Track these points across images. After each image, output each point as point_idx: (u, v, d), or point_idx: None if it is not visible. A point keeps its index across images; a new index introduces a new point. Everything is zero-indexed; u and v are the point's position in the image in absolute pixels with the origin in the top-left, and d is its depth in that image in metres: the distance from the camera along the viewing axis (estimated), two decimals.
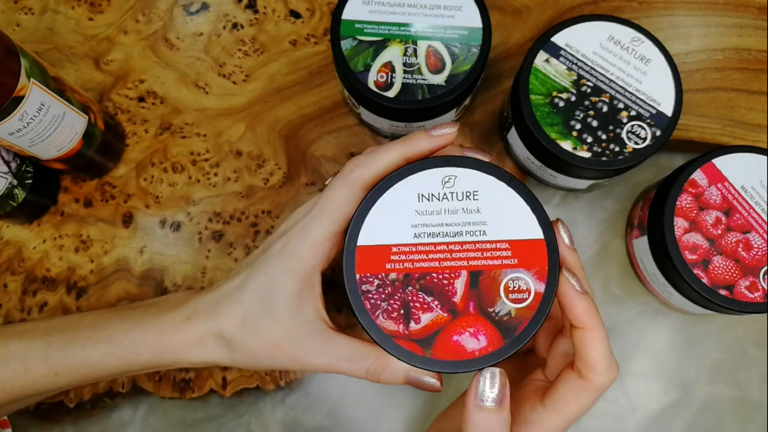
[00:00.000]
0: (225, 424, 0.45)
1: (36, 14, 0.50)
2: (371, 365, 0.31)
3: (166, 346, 0.34)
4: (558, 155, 0.40)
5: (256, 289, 0.32)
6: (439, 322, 0.27)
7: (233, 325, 0.33)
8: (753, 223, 0.39)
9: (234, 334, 0.33)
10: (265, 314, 0.32)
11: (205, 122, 0.49)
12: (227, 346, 0.33)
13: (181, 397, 0.45)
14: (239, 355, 0.33)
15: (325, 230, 0.31)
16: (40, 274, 0.46)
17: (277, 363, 0.33)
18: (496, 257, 0.27)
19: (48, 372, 0.35)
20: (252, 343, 0.32)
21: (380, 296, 0.27)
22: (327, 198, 0.31)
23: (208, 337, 0.34)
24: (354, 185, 0.30)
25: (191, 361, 0.34)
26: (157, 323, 0.35)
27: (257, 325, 0.32)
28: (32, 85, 0.36)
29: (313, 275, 0.32)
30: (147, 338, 0.34)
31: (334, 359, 0.32)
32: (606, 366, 0.28)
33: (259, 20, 0.50)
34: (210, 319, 0.33)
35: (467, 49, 0.40)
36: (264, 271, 0.33)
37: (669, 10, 0.50)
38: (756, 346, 0.46)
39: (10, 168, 0.42)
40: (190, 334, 0.34)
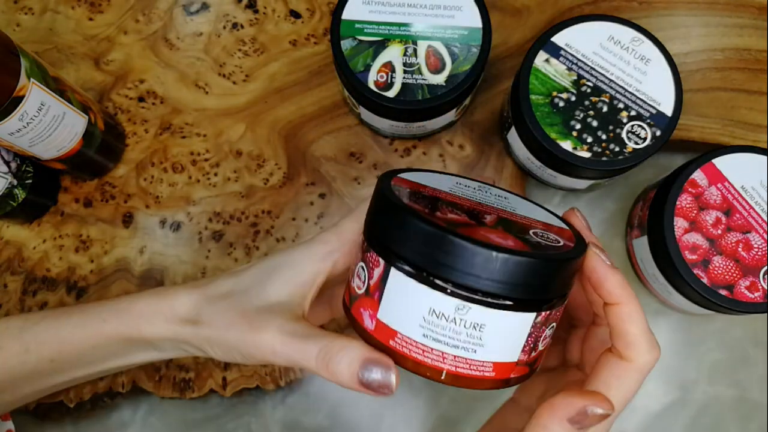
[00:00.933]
0: (225, 424, 0.45)
1: (36, 14, 0.50)
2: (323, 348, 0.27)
3: (135, 312, 0.32)
4: (558, 155, 0.40)
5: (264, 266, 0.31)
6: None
7: (215, 294, 0.31)
8: (753, 223, 0.39)
9: (211, 302, 0.30)
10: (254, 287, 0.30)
11: (205, 122, 0.49)
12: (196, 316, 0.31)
13: (181, 397, 0.45)
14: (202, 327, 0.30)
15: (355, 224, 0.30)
16: (40, 274, 0.46)
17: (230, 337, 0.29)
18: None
19: (20, 349, 0.34)
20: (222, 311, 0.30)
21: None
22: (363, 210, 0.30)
23: (183, 306, 0.31)
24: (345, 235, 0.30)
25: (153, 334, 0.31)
26: (141, 293, 0.33)
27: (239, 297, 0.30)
28: (32, 85, 0.36)
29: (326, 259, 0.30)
30: (119, 305, 0.32)
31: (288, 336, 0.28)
32: (648, 342, 0.26)
33: (259, 20, 0.50)
34: (196, 288, 0.31)
35: (467, 49, 0.40)
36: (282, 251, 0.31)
37: (669, 10, 0.50)
38: (756, 346, 0.46)
39: (10, 168, 0.42)
40: (165, 300, 0.31)
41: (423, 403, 0.46)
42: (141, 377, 0.45)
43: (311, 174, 0.48)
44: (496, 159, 0.48)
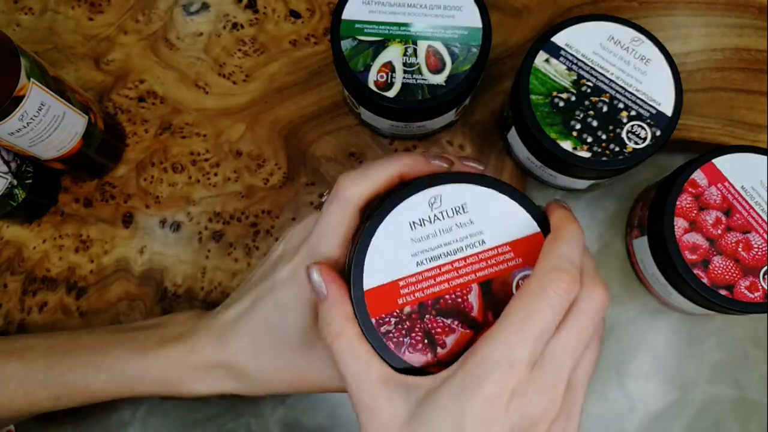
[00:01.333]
0: (225, 424, 0.45)
1: (36, 14, 0.50)
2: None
3: (171, 379, 0.34)
4: (558, 155, 0.40)
5: (265, 319, 0.32)
6: (463, 340, 0.27)
7: (245, 357, 0.32)
8: (753, 223, 0.39)
9: (248, 366, 0.32)
10: (280, 345, 0.31)
11: (205, 122, 0.49)
12: (238, 378, 0.33)
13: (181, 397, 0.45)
14: (255, 386, 0.33)
15: (328, 256, 0.30)
16: (40, 274, 0.46)
17: (297, 389, 0.32)
18: (500, 262, 0.27)
19: (49, 395, 0.35)
20: (271, 374, 0.32)
21: (401, 333, 0.27)
22: (324, 223, 0.30)
23: (216, 368, 0.33)
24: (349, 206, 0.30)
25: (198, 393, 0.34)
26: (161, 354, 0.34)
27: (274, 356, 0.32)
28: (32, 85, 0.36)
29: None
30: (151, 370, 0.34)
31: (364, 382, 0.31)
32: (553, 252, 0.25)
33: (259, 20, 0.50)
34: (216, 350, 0.33)
35: (467, 49, 0.40)
36: (273, 301, 0.32)
37: (669, 10, 0.50)
38: (756, 346, 0.46)
39: (10, 168, 0.42)
40: (197, 366, 0.33)
41: None
42: None
43: (311, 174, 0.48)
44: (496, 159, 0.48)
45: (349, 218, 0.30)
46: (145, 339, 0.35)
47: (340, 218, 0.30)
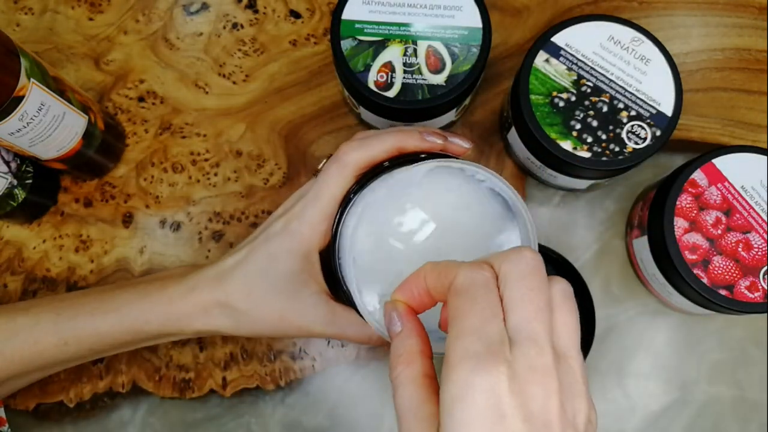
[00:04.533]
0: (225, 424, 0.45)
1: (36, 14, 0.50)
2: (373, 333, 0.34)
3: (174, 315, 0.36)
4: (558, 155, 0.40)
5: (258, 266, 0.35)
6: None
7: (240, 296, 0.35)
8: (753, 223, 0.39)
9: (241, 305, 0.35)
10: (270, 290, 0.35)
11: (205, 122, 0.49)
12: (232, 316, 0.36)
13: (181, 397, 0.45)
14: (245, 324, 0.36)
15: (321, 212, 0.34)
16: (40, 274, 0.46)
17: (282, 332, 0.36)
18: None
19: (58, 342, 0.37)
20: (259, 315, 0.35)
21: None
22: (322, 182, 0.34)
23: (214, 306, 0.36)
24: (347, 170, 0.33)
25: (196, 330, 0.37)
26: (165, 294, 0.37)
27: (263, 299, 0.35)
28: (32, 85, 0.36)
29: (312, 254, 0.35)
30: (155, 308, 0.36)
31: (339, 328, 0.35)
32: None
33: (259, 20, 0.50)
34: (215, 289, 0.36)
35: (467, 49, 0.40)
36: (265, 250, 0.35)
37: (669, 10, 0.49)
38: (756, 346, 0.46)
39: (10, 168, 0.42)
40: (196, 303, 0.36)
41: None
42: (141, 377, 0.45)
43: (311, 174, 0.48)
44: (496, 159, 0.48)
45: (345, 179, 0.34)
46: (147, 284, 0.38)
47: (337, 178, 0.34)
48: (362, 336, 0.36)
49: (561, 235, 0.48)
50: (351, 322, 0.35)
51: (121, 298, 0.37)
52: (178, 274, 0.39)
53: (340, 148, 0.34)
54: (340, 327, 0.35)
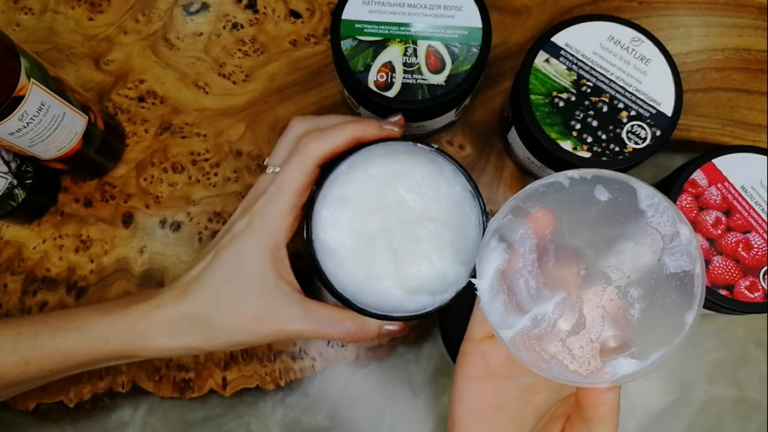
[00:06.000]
0: (225, 424, 0.45)
1: (36, 14, 0.50)
2: (350, 327, 0.34)
3: (137, 333, 0.34)
4: (558, 155, 0.40)
5: (226, 269, 0.34)
6: None
7: (208, 305, 0.33)
8: (753, 223, 0.39)
9: (210, 314, 0.33)
10: (240, 291, 0.33)
11: (205, 122, 0.49)
12: (202, 329, 0.34)
13: (181, 397, 0.45)
14: (217, 335, 0.34)
15: (286, 204, 0.34)
16: (40, 274, 0.46)
17: (258, 335, 0.34)
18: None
19: (18, 362, 0.35)
20: (231, 321, 0.33)
21: None
22: (285, 174, 0.34)
23: (181, 321, 0.34)
24: (309, 162, 0.34)
25: (163, 347, 0.34)
26: (127, 312, 0.35)
27: (234, 303, 0.33)
28: (32, 85, 0.36)
29: (280, 249, 0.34)
30: (116, 326, 0.35)
31: (317, 325, 0.34)
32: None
33: (259, 20, 0.50)
34: (180, 303, 0.34)
35: (467, 49, 0.40)
36: (232, 250, 0.34)
37: (669, 10, 0.50)
38: (756, 346, 0.46)
39: (10, 168, 0.42)
40: (161, 319, 0.34)
41: (423, 402, 0.46)
42: (141, 377, 0.45)
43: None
44: (496, 159, 0.48)
45: (307, 171, 0.34)
46: (112, 305, 0.36)
47: (300, 170, 0.34)
48: (339, 331, 0.34)
49: None
50: (326, 319, 0.34)
51: (82, 318, 0.36)
52: (146, 292, 0.37)
53: (301, 140, 0.34)
54: (317, 324, 0.34)
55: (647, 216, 0.27)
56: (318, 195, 0.34)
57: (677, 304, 0.26)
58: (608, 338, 0.26)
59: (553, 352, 0.26)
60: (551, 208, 0.28)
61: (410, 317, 0.33)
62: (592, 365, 0.26)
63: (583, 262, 0.27)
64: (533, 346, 0.27)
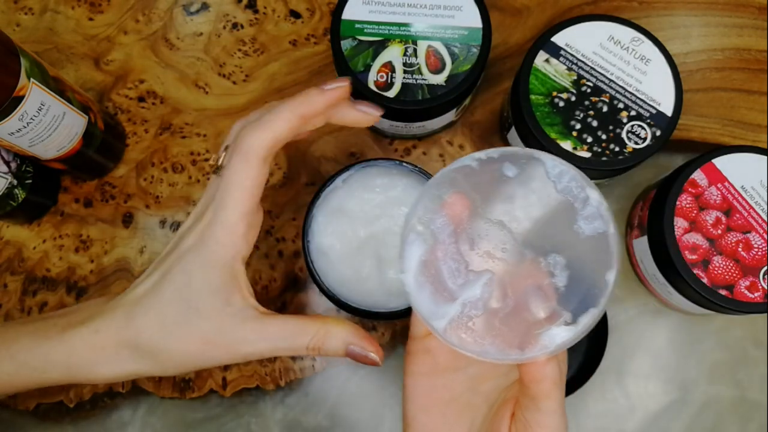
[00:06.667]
0: (225, 424, 0.45)
1: (36, 14, 0.50)
2: (310, 341, 0.31)
3: (75, 364, 0.31)
4: (558, 155, 0.40)
5: (173, 290, 0.31)
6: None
7: (152, 333, 0.30)
8: (753, 223, 0.39)
9: (155, 342, 0.30)
10: (189, 313, 0.30)
11: (205, 122, 0.49)
12: (147, 356, 0.31)
13: (181, 397, 0.45)
14: (166, 362, 0.31)
15: (235, 212, 0.30)
16: (40, 274, 0.46)
17: (211, 360, 0.31)
18: None
19: None
20: (179, 347, 0.30)
21: None
22: (228, 178, 0.30)
23: (123, 348, 0.31)
24: (251, 157, 0.29)
25: (106, 377, 0.32)
26: (64, 339, 0.32)
27: (181, 327, 0.30)
28: (32, 85, 0.36)
29: (234, 263, 0.31)
30: (53, 357, 0.32)
31: (271, 342, 0.31)
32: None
33: (259, 20, 0.50)
34: (122, 329, 0.31)
35: (467, 49, 0.40)
36: (180, 270, 0.31)
37: (669, 10, 0.50)
38: (756, 346, 0.46)
39: (10, 168, 0.42)
40: (101, 348, 0.31)
41: None
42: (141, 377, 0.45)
43: (311, 174, 0.48)
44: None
45: (253, 170, 0.30)
46: (49, 327, 0.33)
47: (243, 170, 0.29)
48: (297, 345, 0.31)
49: None
50: (282, 334, 0.31)
51: (19, 343, 0.32)
52: (87, 309, 0.33)
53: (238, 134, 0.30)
54: (271, 342, 0.31)
55: (557, 185, 0.27)
56: (316, 202, 0.37)
57: (598, 265, 0.26)
58: (538, 310, 0.27)
59: (488, 335, 0.27)
60: (464, 192, 0.28)
61: (387, 314, 0.37)
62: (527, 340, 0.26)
63: (504, 240, 0.28)
64: (467, 331, 0.27)
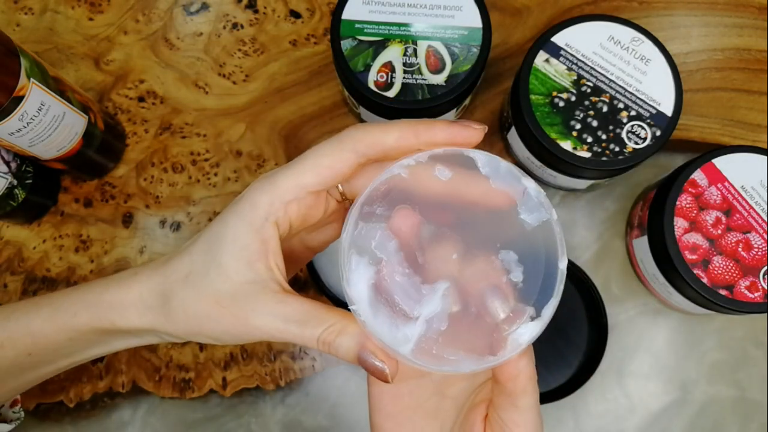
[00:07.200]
0: (225, 424, 0.45)
1: (36, 14, 0.50)
2: (324, 332, 0.27)
3: (105, 303, 0.30)
4: (558, 155, 0.40)
5: (206, 238, 0.29)
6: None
7: (176, 279, 0.29)
8: (753, 223, 0.39)
9: (174, 289, 0.29)
10: (211, 266, 0.28)
11: (205, 122, 0.49)
12: (166, 305, 0.29)
13: (181, 397, 0.45)
14: (177, 317, 0.29)
15: (292, 179, 0.28)
16: (40, 274, 0.46)
17: (218, 325, 0.28)
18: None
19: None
20: (192, 300, 0.28)
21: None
22: (309, 151, 0.28)
23: (150, 294, 0.29)
24: (344, 144, 0.28)
25: (129, 324, 0.30)
26: (104, 281, 0.31)
27: (200, 279, 0.28)
28: (32, 85, 0.36)
29: (265, 226, 0.28)
30: (88, 296, 0.31)
31: (282, 322, 0.27)
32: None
33: (259, 20, 0.50)
34: (156, 272, 0.29)
35: (467, 49, 0.40)
36: (219, 218, 0.29)
37: (669, 10, 0.50)
38: (756, 346, 0.46)
39: (10, 168, 0.42)
40: (132, 288, 0.30)
41: None
42: (141, 377, 0.45)
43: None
44: None
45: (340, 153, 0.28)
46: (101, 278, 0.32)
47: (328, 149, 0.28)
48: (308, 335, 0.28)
49: None
50: (297, 317, 0.27)
51: (61, 292, 0.32)
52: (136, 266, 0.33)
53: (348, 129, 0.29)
54: (283, 321, 0.27)
55: (492, 180, 0.26)
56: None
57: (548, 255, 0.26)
58: (503, 311, 0.26)
59: (458, 347, 0.25)
60: (399, 202, 0.26)
61: None
62: (497, 342, 0.26)
63: (452, 245, 0.27)
64: (437, 347, 0.25)
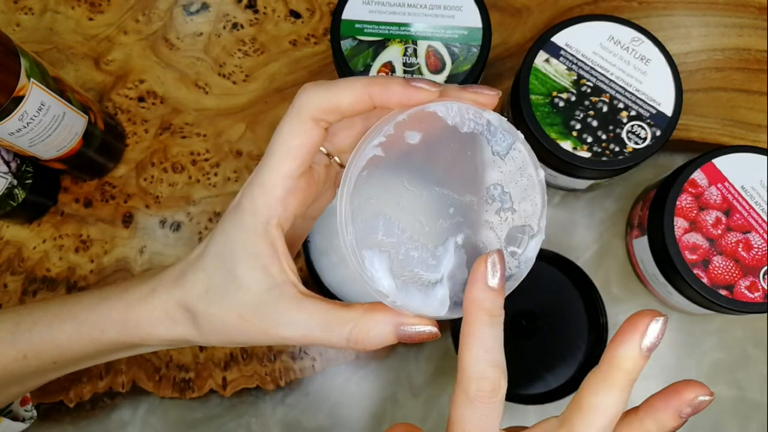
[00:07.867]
0: (225, 424, 0.45)
1: (36, 14, 0.50)
2: (351, 331, 0.27)
3: (132, 322, 0.31)
4: (558, 155, 0.40)
5: (215, 253, 0.29)
6: None
7: (197, 295, 0.29)
8: (753, 223, 0.39)
9: (198, 306, 0.29)
10: (229, 281, 0.28)
11: (205, 122, 0.49)
12: (194, 320, 0.30)
13: (181, 397, 0.45)
14: (207, 331, 0.30)
15: (275, 173, 0.28)
16: (40, 274, 0.46)
17: (248, 338, 0.29)
18: None
19: (17, 355, 0.33)
20: (218, 316, 0.29)
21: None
22: (275, 135, 0.28)
23: (176, 310, 0.30)
24: (303, 115, 0.27)
25: (160, 338, 0.31)
26: (123, 297, 0.31)
27: (222, 295, 0.29)
28: (32, 85, 0.36)
29: (269, 230, 0.28)
30: (112, 314, 0.31)
31: (306, 329, 0.28)
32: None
33: (259, 20, 0.50)
34: (175, 288, 0.30)
35: (467, 49, 0.40)
36: (220, 231, 0.29)
37: (669, 10, 0.50)
38: (756, 346, 0.46)
39: (10, 168, 0.42)
40: (156, 306, 0.30)
41: (423, 402, 0.46)
42: (141, 377, 0.45)
43: None
44: None
45: (302, 127, 0.27)
46: (112, 288, 0.33)
47: (292, 127, 0.27)
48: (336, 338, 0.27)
49: (561, 235, 0.48)
50: (320, 322, 0.28)
51: (81, 305, 0.33)
52: (147, 274, 0.33)
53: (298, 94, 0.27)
54: (309, 327, 0.28)
55: (460, 127, 0.27)
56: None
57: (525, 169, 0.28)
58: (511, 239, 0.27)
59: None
60: (384, 180, 0.26)
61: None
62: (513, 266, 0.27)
63: (444, 201, 0.27)
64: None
